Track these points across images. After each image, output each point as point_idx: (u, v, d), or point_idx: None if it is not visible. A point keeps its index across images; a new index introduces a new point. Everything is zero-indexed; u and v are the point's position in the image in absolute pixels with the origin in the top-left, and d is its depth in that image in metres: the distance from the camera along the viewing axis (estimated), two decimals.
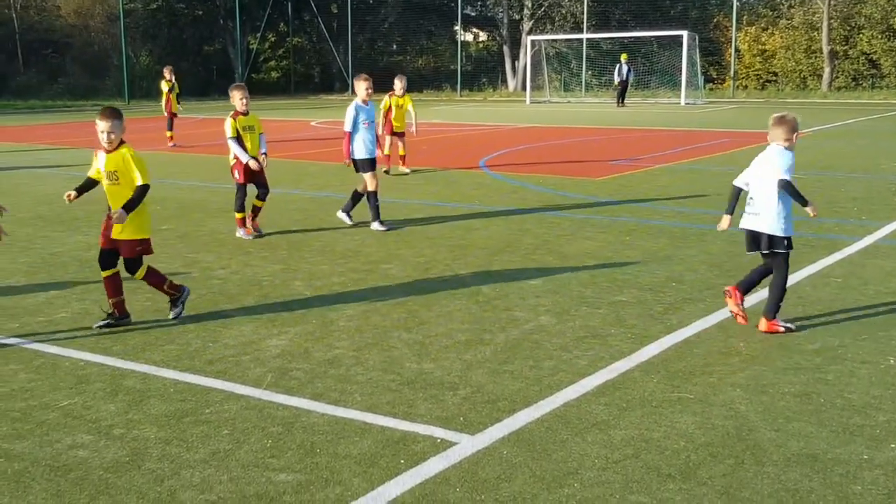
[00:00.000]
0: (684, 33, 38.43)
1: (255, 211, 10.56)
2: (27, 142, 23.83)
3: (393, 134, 16.29)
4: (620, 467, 4.47)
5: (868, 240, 9.83)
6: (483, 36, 61.85)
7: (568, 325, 6.83)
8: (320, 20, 55.26)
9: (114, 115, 6.89)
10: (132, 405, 5.28)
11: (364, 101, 11.02)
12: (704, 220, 11.07)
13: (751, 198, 6.89)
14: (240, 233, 10.42)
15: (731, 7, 45.49)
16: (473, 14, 57.71)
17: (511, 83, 52.57)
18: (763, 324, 6.59)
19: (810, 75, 44.64)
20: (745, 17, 46.61)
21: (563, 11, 49.57)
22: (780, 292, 6.67)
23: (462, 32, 55.54)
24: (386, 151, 16.11)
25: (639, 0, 49.13)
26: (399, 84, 16.45)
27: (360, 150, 10.97)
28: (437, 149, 21.13)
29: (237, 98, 10.42)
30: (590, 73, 47.90)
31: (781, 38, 44.90)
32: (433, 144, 22.14)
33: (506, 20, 53.53)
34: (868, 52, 42.87)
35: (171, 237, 10.31)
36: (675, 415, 5.10)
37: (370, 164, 10.95)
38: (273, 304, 7.44)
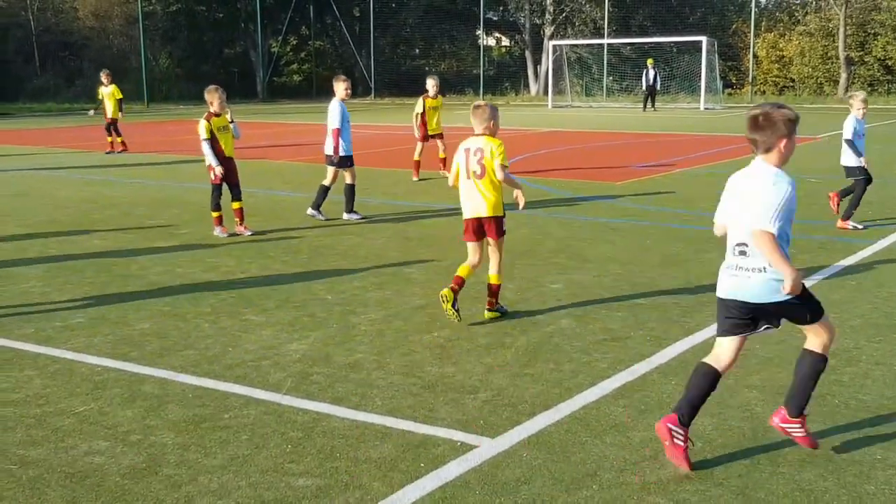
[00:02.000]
0: (703, 39, 38.40)
1: (240, 214, 10.75)
2: (43, 145, 23.93)
3: (428, 138, 15.75)
4: (638, 469, 4.49)
5: (883, 243, 9.88)
6: (505, 40, 61.82)
7: (588, 329, 6.81)
8: (342, 23, 55.40)
9: None
10: (149, 411, 5.28)
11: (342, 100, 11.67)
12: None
13: None
14: (216, 231, 10.65)
15: (750, 13, 45.62)
16: (496, 19, 57.69)
17: (533, 87, 52.52)
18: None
19: (826, 81, 44.76)
20: (763, 23, 46.57)
21: (584, 17, 49.57)
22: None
23: (484, 37, 55.53)
24: (416, 157, 15.69)
25: (659, 6, 49.16)
26: (432, 83, 15.90)
27: (348, 147, 11.66)
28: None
29: (216, 102, 10.58)
30: (611, 77, 47.84)
31: (798, 44, 44.94)
32: (455, 149, 22.10)
33: (528, 25, 53.48)
34: (883, 58, 42.97)
35: (192, 241, 10.35)
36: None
37: (352, 160, 11.76)
38: (294, 309, 7.44)
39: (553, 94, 43.56)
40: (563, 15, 50.37)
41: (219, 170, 10.48)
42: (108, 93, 21.64)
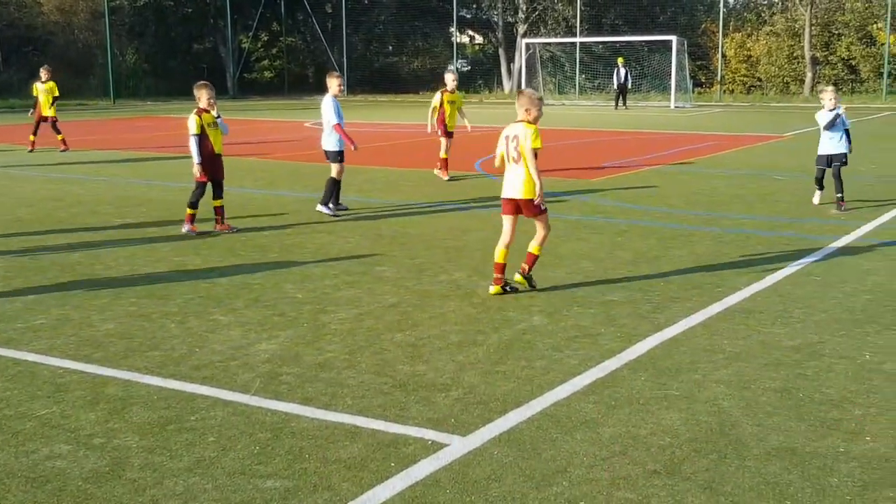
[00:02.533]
0: (674, 38, 38.68)
1: (220, 212, 10.62)
2: (6, 142, 23.59)
3: (448, 134, 15.29)
4: (608, 464, 4.49)
5: (846, 239, 9.97)
6: (479, 38, 61.82)
7: (560, 325, 6.80)
8: (314, 20, 55.13)
9: None
10: (113, 413, 5.17)
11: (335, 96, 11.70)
12: (692, 221, 11.12)
13: None
14: (185, 228, 10.51)
15: (719, 13, 46.02)
16: (469, 16, 57.65)
17: (507, 85, 52.56)
18: None
19: (793, 80, 45.33)
20: (731, 23, 47.02)
21: (557, 15, 49.70)
22: None
23: (458, 34, 55.50)
24: (443, 154, 15.28)
25: (630, 5, 49.46)
26: (451, 77, 15.42)
27: (339, 143, 11.65)
28: (433, 150, 21.06)
29: (204, 98, 10.45)
30: (583, 76, 48.02)
31: (765, 44, 45.50)
32: (429, 146, 22.07)
33: (501, 23, 53.55)
34: (847, 58, 43.55)
35: (160, 239, 10.22)
36: (662, 411, 5.15)
37: (343, 155, 11.75)
38: (263, 308, 7.35)
39: (539, 89, 43.66)
40: (536, 13, 50.47)
41: (196, 169, 10.36)
42: (44, 89, 21.10)
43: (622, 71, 37.92)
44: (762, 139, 22.92)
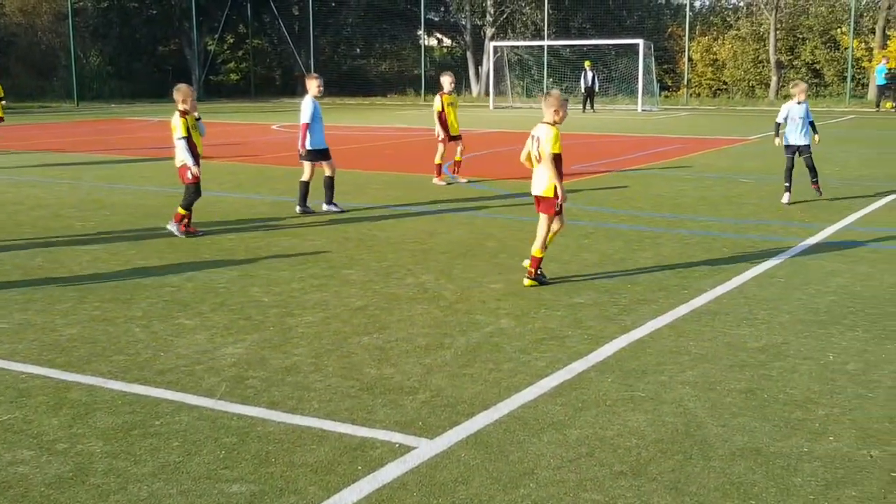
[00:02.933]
0: (640, 42, 38.96)
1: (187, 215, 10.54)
2: None
3: (451, 138, 15.07)
4: (575, 466, 4.50)
5: (810, 241, 10.08)
6: (447, 41, 61.87)
7: (527, 328, 6.81)
8: (281, 22, 54.88)
9: None
10: (77, 418, 5.11)
11: (315, 97, 11.90)
12: (659, 223, 11.20)
13: None
14: (172, 226, 10.44)
15: (685, 17, 46.41)
16: (436, 19, 57.72)
17: (475, 88, 52.65)
18: None
19: (758, 84, 45.85)
20: (697, 27, 47.42)
21: (525, 19, 49.85)
22: None
23: (426, 37, 55.51)
24: (457, 157, 15.09)
25: (597, 9, 49.74)
26: (448, 80, 15.31)
27: (321, 141, 11.92)
28: (400, 153, 21.06)
29: (188, 99, 10.34)
30: (551, 79, 48.20)
31: (731, 47, 46.00)
32: (397, 149, 22.06)
33: (468, 26, 53.61)
34: (811, 62, 44.18)
35: (124, 243, 10.11)
36: (628, 413, 5.18)
37: (327, 154, 12.00)
38: (229, 312, 7.30)
39: (494, 94, 43.72)
40: (504, 16, 50.60)
41: (195, 169, 10.27)
42: None
43: (590, 74, 38.13)
44: (728, 142, 23.12)
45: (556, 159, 7.91)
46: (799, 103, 12.61)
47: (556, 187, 7.89)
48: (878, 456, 4.61)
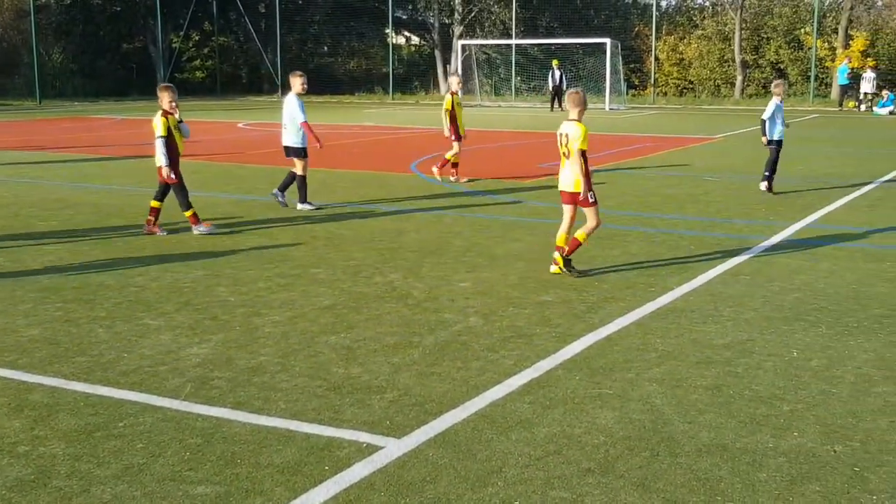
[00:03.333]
0: (608, 41, 39.06)
1: (155, 213, 10.44)
2: None
3: (460, 137, 14.92)
4: (542, 464, 4.51)
5: (774, 239, 10.16)
6: (415, 39, 61.77)
7: (495, 326, 6.81)
8: (247, 19, 54.49)
9: None
10: (39, 421, 5.03)
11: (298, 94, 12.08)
12: (626, 221, 11.25)
13: None
14: (200, 229, 10.40)
15: (651, 17, 46.66)
16: (404, 17, 57.54)
17: (443, 87, 52.49)
18: None
19: (724, 83, 46.20)
20: (663, 26, 47.68)
21: (493, 17, 49.88)
22: None
23: (394, 35, 55.37)
24: (451, 157, 14.81)
25: (565, 8, 49.87)
26: (456, 80, 15.31)
27: (302, 140, 12.10)
28: (368, 152, 21.00)
29: (166, 100, 10.27)
30: (519, 78, 48.30)
31: (697, 47, 46.34)
32: (365, 147, 22.00)
33: (437, 24, 53.53)
34: (775, 61, 44.57)
35: (86, 243, 9.98)
36: (596, 410, 5.19)
37: (305, 152, 12.17)
38: (195, 311, 7.23)
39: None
40: (472, 15, 50.60)
41: (167, 171, 10.15)
42: None
43: (557, 73, 38.24)
44: (694, 141, 23.29)
45: (583, 155, 8.19)
46: (780, 101, 13.56)
47: (582, 182, 8.22)
48: (841, 451, 4.65)
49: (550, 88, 38.93)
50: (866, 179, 15.07)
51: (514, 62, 47.66)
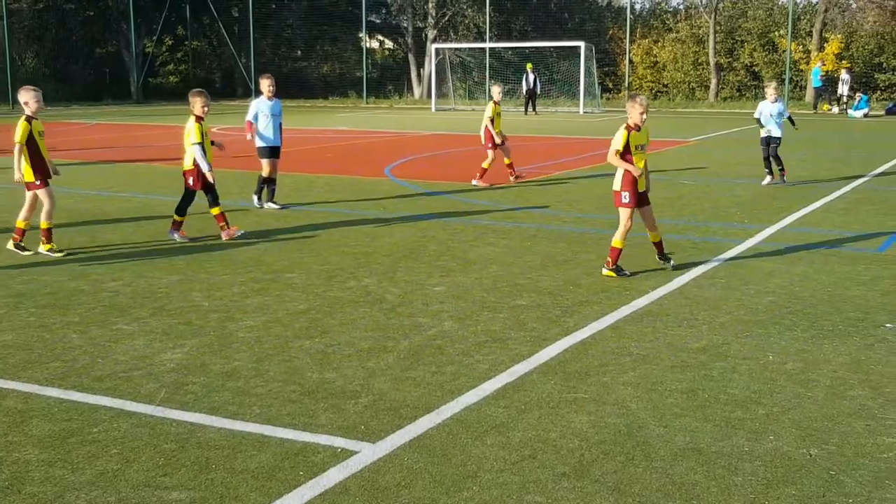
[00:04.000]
0: (582, 44, 39.22)
1: (222, 218, 10.45)
2: None
3: (496, 146, 15.09)
4: (518, 468, 4.52)
5: (750, 242, 10.22)
6: (388, 43, 61.73)
7: (470, 330, 6.82)
8: (220, 24, 54.24)
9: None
10: (12, 427, 5.00)
11: (268, 98, 12.54)
12: (601, 225, 11.28)
13: None
14: (175, 236, 10.38)
15: (626, 20, 46.94)
16: (378, 21, 57.53)
17: (417, 91, 52.61)
18: None
19: (698, 86, 46.45)
20: (637, 29, 47.91)
21: (467, 21, 49.95)
22: None
23: (367, 39, 55.32)
24: (486, 164, 14.94)
25: (539, 11, 50.07)
26: (497, 90, 15.82)
27: (260, 140, 12.56)
28: (342, 156, 20.98)
29: (199, 105, 10.41)
30: (493, 81, 48.34)
31: (671, 50, 46.55)
32: (338, 152, 21.97)
33: (410, 28, 53.55)
34: (750, 64, 44.86)
35: (60, 247, 9.88)
36: (571, 415, 5.21)
37: (268, 152, 12.58)
38: (169, 317, 7.20)
39: (436, 97, 43.73)
40: (446, 19, 50.66)
41: (210, 175, 10.28)
42: None
43: (531, 76, 38.38)
44: (669, 144, 23.41)
45: (620, 154, 8.52)
46: (773, 102, 14.70)
47: (615, 181, 8.64)
48: (816, 455, 4.68)
49: (524, 92, 39.05)
50: (841, 182, 15.20)
51: (488, 66, 47.71)
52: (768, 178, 14.85)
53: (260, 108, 12.56)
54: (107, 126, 30.36)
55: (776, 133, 14.73)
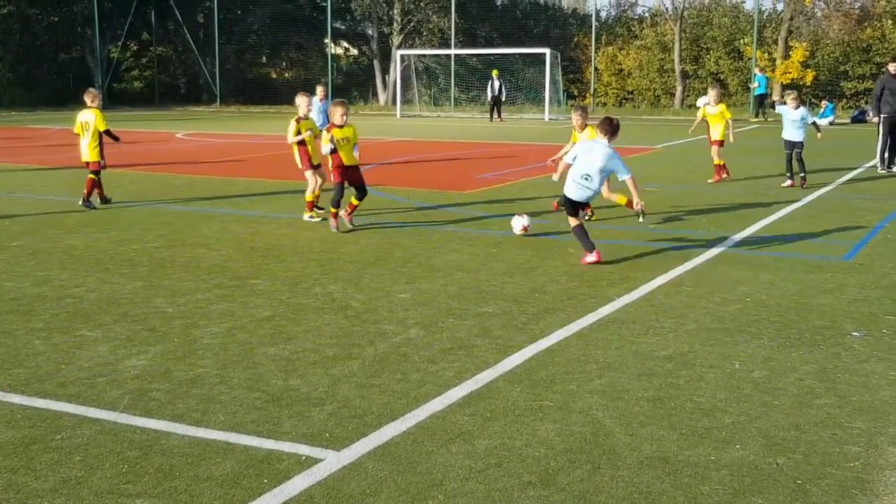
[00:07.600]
0: (547, 51, 39.34)
1: (353, 208, 11.55)
2: None
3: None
4: (483, 477, 4.51)
5: (716, 250, 10.25)
6: (353, 50, 61.64)
7: (435, 338, 6.83)
8: (185, 29, 53.89)
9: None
10: None
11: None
12: (567, 232, 11.28)
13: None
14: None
15: (591, 27, 47.20)
16: (343, 28, 57.44)
17: (382, 97, 52.55)
18: None
19: (664, 93, 46.71)
20: (603, 36, 48.16)
21: (432, 27, 49.96)
22: None
23: (332, 46, 55.21)
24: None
25: (504, 18, 50.21)
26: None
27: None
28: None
29: (338, 114, 11.14)
30: (458, 88, 48.47)
31: (636, 57, 46.81)
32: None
33: (375, 34, 53.51)
34: (715, 71, 45.24)
35: (22, 254, 9.80)
36: (537, 423, 5.20)
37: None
38: (132, 323, 7.16)
39: (401, 103, 43.74)
40: (411, 25, 50.65)
41: (327, 148, 11.11)
42: None
43: (496, 83, 38.50)
44: (635, 151, 23.54)
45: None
46: (795, 108, 15.79)
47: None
48: (783, 464, 4.68)
49: (490, 99, 39.16)
50: (807, 190, 15.31)
51: (453, 72, 47.81)
52: (788, 182, 15.78)
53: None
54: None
55: (797, 138, 15.76)
